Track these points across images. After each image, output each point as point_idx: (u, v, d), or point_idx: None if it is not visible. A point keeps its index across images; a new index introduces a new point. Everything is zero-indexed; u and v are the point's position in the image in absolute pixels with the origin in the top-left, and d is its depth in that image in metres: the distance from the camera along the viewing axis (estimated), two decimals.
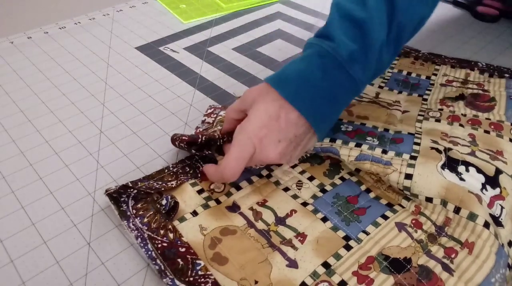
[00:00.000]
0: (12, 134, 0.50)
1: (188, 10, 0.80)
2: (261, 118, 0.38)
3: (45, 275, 0.35)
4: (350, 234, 0.37)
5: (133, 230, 0.37)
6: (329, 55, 0.39)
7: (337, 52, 0.39)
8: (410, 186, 0.38)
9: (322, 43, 0.40)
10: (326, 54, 0.39)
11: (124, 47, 0.68)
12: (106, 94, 0.57)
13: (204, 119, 0.51)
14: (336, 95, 0.40)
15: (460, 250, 0.35)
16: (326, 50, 0.39)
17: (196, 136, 0.43)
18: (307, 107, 0.39)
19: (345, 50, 0.39)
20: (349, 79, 0.39)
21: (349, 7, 0.41)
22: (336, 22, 0.41)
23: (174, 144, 0.45)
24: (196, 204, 0.40)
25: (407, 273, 0.34)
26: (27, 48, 0.67)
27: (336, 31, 0.40)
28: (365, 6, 0.40)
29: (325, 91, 0.39)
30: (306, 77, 0.39)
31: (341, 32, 0.40)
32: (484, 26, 0.73)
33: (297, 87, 0.39)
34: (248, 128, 0.39)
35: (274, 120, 0.38)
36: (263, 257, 0.36)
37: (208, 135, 0.43)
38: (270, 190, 0.42)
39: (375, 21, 0.39)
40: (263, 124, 0.38)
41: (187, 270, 0.34)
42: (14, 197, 0.42)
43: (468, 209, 0.36)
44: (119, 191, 0.39)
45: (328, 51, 0.39)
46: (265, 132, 0.38)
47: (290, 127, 0.38)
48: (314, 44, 0.41)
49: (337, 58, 0.39)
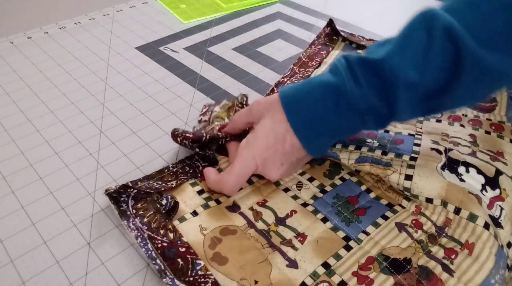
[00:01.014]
0: (12, 134, 0.50)
1: (188, 10, 0.80)
2: (267, 139, 0.38)
3: (45, 275, 0.35)
4: (350, 234, 0.37)
5: (133, 230, 0.37)
6: (348, 98, 0.36)
7: (357, 102, 0.36)
8: (410, 186, 0.38)
9: (347, 81, 0.36)
10: (346, 96, 0.36)
11: (124, 47, 0.68)
12: (106, 94, 0.57)
13: (200, 119, 0.51)
14: (342, 132, 0.40)
15: (460, 251, 0.35)
16: (347, 93, 0.36)
17: (201, 134, 0.43)
18: (310, 141, 0.39)
19: (365, 103, 0.36)
20: (361, 123, 0.38)
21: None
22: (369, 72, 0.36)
23: (176, 140, 0.44)
24: (196, 204, 0.40)
25: (407, 274, 0.34)
26: (27, 48, 0.67)
27: (365, 80, 0.36)
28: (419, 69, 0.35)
29: (333, 127, 0.38)
30: (317, 111, 0.37)
31: (369, 85, 0.36)
32: None
33: (306, 118, 0.37)
34: (254, 147, 0.39)
35: (279, 143, 0.38)
36: (263, 257, 0.36)
37: (212, 135, 0.43)
38: (270, 190, 0.42)
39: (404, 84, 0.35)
40: (268, 145, 0.38)
41: (187, 270, 0.34)
42: (14, 197, 0.42)
43: (468, 210, 0.36)
44: (119, 191, 0.39)
45: (348, 94, 0.36)
46: (270, 153, 0.39)
47: (294, 152, 0.39)
48: (340, 74, 0.37)
49: (355, 106, 0.36)
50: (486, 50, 0.32)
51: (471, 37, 0.32)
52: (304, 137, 0.38)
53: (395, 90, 0.34)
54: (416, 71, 0.34)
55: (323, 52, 0.64)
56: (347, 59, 0.37)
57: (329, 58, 0.63)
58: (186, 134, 0.44)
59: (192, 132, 0.44)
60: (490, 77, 0.34)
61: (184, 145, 0.44)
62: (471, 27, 0.32)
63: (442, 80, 0.34)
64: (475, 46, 0.32)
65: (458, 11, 0.33)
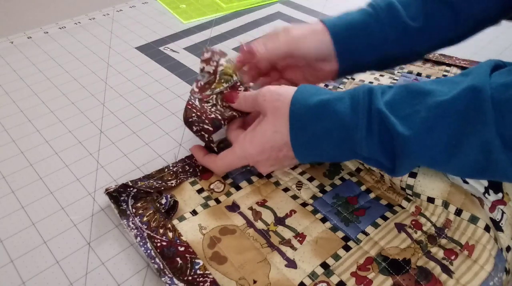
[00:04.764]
0: (12, 134, 0.50)
1: (188, 10, 0.80)
2: (263, 145, 0.38)
3: (45, 275, 0.35)
4: (350, 234, 0.38)
5: (133, 229, 0.37)
6: (353, 145, 0.34)
7: (362, 150, 0.34)
8: (413, 184, 0.38)
9: (360, 129, 0.33)
10: (352, 141, 0.34)
11: (124, 47, 0.68)
12: (106, 94, 0.57)
13: (203, 67, 0.45)
14: (341, 160, 0.42)
15: (460, 252, 0.35)
16: (355, 139, 0.34)
17: (219, 123, 0.42)
18: (305, 159, 0.38)
19: (370, 154, 0.34)
20: (362, 162, 0.38)
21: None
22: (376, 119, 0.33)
23: (191, 128, 0.43)
24: (195, 203, 0.40)
25: (406, 274, 0.34)
26: (27, 48, 0.67)
27: (379, 138, 0.33)
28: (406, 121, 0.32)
29: (332, 156, 0.37)
30: (322, 140, 0.35)
31: (381, 144, 0.33)
32: None
33: (308, 141, 0.36)
34: (249, 149, 0.39)
35: (275, 151, 0.38)
36: (262, 256, 0.36)
37: (228, 117, 0.43)
38: (270, 190, 0.42)
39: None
40: (263, 151, 0.38)
41: (186, 269, 0.34)
42: (14, 197, 0.42)
43: (469, 212, 0.36)
44: (119, 190, 0.39)
45: (355, 141, 0.34)
46: (263, 158, 0.39)
47: (287, 160, 0.39)
48: (356, 114, 0.33)
49: (360, 152, 0.34)
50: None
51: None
52: (301, 156, 0.38)
53: (405, 162, 0.33)
54: (444, 158, 0.31)
55: None
56: (371, 100, 0.33)
57: None
58: (205, 126, 0.42)
59: (210, 122, 0.42)
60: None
61: (200, 136, 0.43)
62: None
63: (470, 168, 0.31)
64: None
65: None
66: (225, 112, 0.43)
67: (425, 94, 0.32)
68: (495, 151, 0.28)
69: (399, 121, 0.31)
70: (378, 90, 0.33)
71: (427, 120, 0.31)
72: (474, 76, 0.30)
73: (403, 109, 0.32)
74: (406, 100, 0.32)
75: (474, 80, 0.30)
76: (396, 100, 0.33)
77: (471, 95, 0.29)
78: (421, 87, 0.32)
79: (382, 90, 0.34)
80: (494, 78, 0.29)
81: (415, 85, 0.33)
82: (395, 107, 0.32)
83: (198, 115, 0.42)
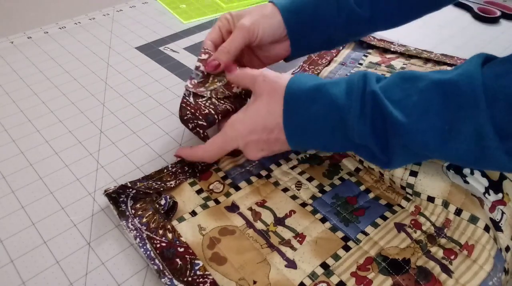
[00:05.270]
0: (12, 134, 0.50)
1: (188, 10, 0.80)
2: (255, 125, 0.38)
3: (45, 275, 0.35)
4: (349, 234, 0.38)
5: (132, 230, 0.37)
6: (345, 129, 0.34)
7: (354, 136, 0.34)
8: (414, 183, 0.38)
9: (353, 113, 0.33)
10: (344, 125, 0.34)
11: (124, 47, 0.68)
12: (106, 94, 0.57)
13: (199, 66, 0.45)
14: (333, 149, 0.41)
15: (460, 252, 0.35)
16: (347, 124, 0.34)
17: (213, 118, 0.43)
18: (297, 144, 0.38)
19: (361, 141, 0.34)
20: (354, 150, 0.37)
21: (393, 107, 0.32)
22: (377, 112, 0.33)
23: (187, 125, 0.44)
24: (195, 204, 0.40)
25: (406, 274, 0.34)
26: (27, 48, 0.67)
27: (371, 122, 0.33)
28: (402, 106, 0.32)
29: (325, 143, 0.37)
30: (315, 124, 0.36)
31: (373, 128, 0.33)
32: (483, 26, 0.73)
33: (301, 125, 0.36)
34: (240, 129, 0.39)
35: (266, 132, 0.38)
36: (261, 257, 0.36)
37: (222, 111, 0.44)
38: (269, 190, 0.42)
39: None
40: (255, 130, 0.38)
41: (185, 270, 0.34)
42: (14, 197, 0.42)
43: (469, 212, 0.36)
44: (118, 191, 0.39)
45: (347, 126, 0.34)
46: (253, 138, 0.39)
47: (277, 144, 0.39)
48: (350, 97, 0.34)
49: (352, 138, 0.35)
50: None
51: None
52: (292, 140, 0.38)
53: (397, 148, 0.32)
54: (436, 143, 0.31)
55: (334, 50, 0.64)
56: (365, 84, 0.33)
57: (339, 57, 0.63)
58: (199, 122, 0.43)
59: (203, 118, 0.43)
60: None
61: (196, 133, 0.44)
62: None
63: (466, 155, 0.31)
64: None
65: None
66: (219, 106, 0.44)
67: (417, 79, 0.32)
68: (487, 137, 0.28)
69: (392, 105, 0.32)
70: (373, 75, 0.34)
71: (420, 104, 0.31)
72: (466, 66, 0.30)
73: (396, 93, 0.32)
74: (399, 85, 0.33)
75: (466, 69, 0.30)
76: (390, 85, 0.33)
77: (463, 80, 0.29)
78: (414, 73, 0.33)
79: (378, 76, 0.34)
80: (486, 69, 0.30)
81: (409, 71, 0.34)
82: (388, 91, 0.33)
83: (192, 112, 0.43)
